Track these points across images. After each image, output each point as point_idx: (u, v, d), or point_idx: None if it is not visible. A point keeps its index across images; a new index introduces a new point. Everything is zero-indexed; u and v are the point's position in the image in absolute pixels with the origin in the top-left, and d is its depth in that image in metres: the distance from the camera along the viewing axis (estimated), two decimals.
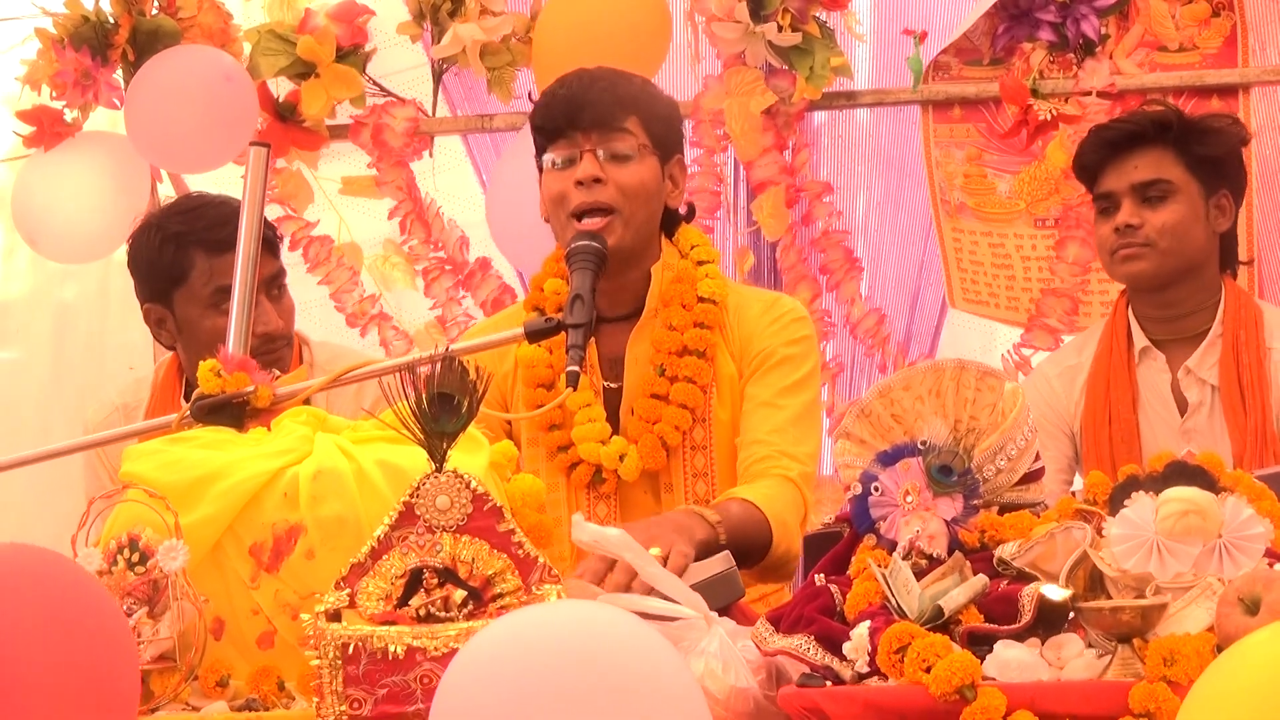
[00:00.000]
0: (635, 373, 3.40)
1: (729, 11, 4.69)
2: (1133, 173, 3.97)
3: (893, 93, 4.90)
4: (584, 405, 3.37)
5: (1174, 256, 3.94)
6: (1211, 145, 3.97)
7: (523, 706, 1.90)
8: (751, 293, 3.55)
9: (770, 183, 4.80)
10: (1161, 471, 2.49)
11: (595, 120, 3.33)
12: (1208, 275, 4.00)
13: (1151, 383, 4.01)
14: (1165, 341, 4.02)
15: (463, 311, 5.01)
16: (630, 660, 1.96)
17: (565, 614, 2.04)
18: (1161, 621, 2.29)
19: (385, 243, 5.09)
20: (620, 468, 3.34)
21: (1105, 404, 4.00)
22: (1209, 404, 3.96)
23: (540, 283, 3.48)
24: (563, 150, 3.33)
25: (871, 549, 2.53)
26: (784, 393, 3.35)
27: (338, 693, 2.27)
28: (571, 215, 3.31)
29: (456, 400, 2.33)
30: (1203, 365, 3.97)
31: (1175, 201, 3.94)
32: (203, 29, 4.94)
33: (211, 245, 3.83)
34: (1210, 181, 3.96)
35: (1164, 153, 3.96)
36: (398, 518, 2.36)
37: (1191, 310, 4.00)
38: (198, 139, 4.76)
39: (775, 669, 2.51)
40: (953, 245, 4.84)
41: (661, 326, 3.38)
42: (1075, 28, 4.65)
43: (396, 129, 4.98)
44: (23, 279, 5.93)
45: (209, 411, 2.83)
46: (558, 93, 3.39)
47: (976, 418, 2.61)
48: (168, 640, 2.49)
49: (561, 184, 3.32)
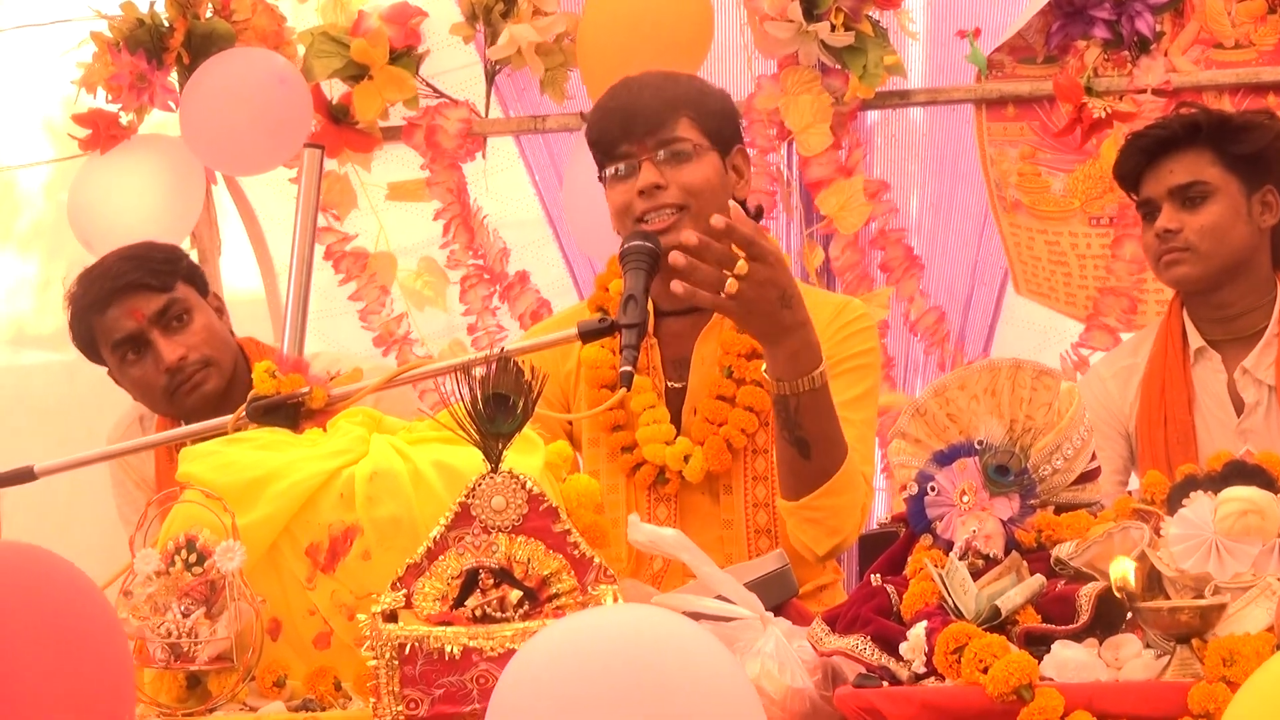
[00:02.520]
0: (701, 373, 3.39)
1: (782, 11, 4.68)
2: (1169, 177, 3.95)
3: (946, 91, 4.89)
4: (648, 407, 3.37)
5: (1217, 257, 3.92)
6: (1247, 142, 3.93)
7: (578, 710, 1.90)
8: (819, 295, 3.52)
9: (827, 180, 4.79)
10: (1220, 471, 2.47)
11: (648, 127, 3.32)
12: (1259, 273, 3.97)
13: (1207, 383, 3.98)
14: (1221, 341, 3.99)
15: (495, 323, 5.01)
16: (685, 664, 1.96)
17: (621, 618, 2.04)
18: (1220, 622, 2.28)
19: (421, 260, 5.10)
20: (685, 469, 3.34)
21: (1161, 405, 3.97)
22: (1266, 404, 3.94)
23: (605, 283, 3.48)
24: (621, 161, 3.33)
25: (928, 549, 2.52)
26: (848, 405, 3.29)
27: (394, 693, 2.28)
28: (637, 222, 3.31)
29: (512, 401, 2.34)
30: (1260, 365, 3.94)
31: (1214, 202, 3.92)
32: (257, 31, 4.95)
33: (96, 306, 3.93)
34: (1252, 178, 3.93)
35: (1200, 154, 3.94)
36: (453, 518, 2.36)
37: (1245, 310, 3.97)
38: (252, 141, 4.78)
39: (831, 669, 2.51)
40: (1012, 238, 4.82)
41: (730, 328, 3.37)
42: (1130, 25, 4.63)
43: (450, 130, 4.99)
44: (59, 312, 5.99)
45: (265, 412, 2.85)
46: (607, 105, 3.39)
47: (1032, 417, 2.60)
48: (225, 640, 2.50)
49: (625, 195, 3.32)
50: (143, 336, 3.93)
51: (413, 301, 5.13)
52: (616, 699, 1.90)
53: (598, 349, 3.39)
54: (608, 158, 3.34)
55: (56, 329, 5.96)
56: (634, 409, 3.37)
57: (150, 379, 3.93)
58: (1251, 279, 3.96)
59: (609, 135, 3.34)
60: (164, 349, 3.91)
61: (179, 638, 2.50)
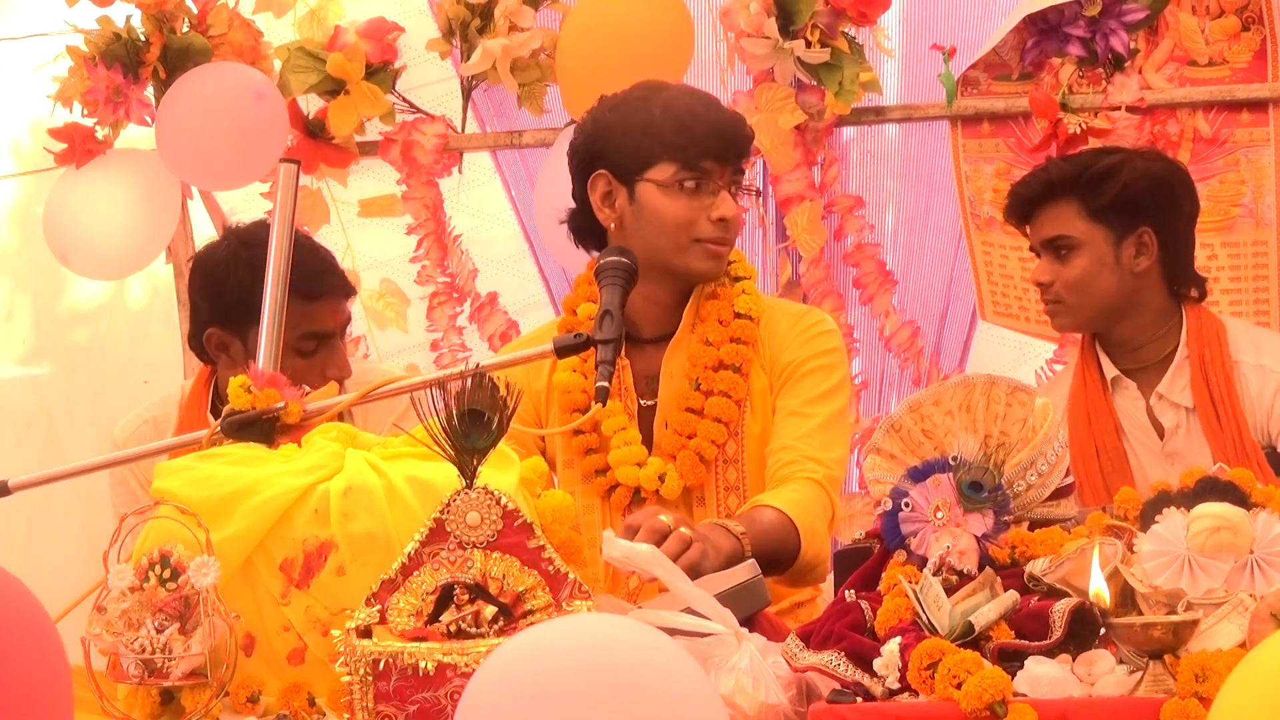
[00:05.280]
0: (670, 387, 3.40)
1: (758, 27, 4.69)
2: (1040, 230, 4.02)
3: (921, 108, 4.90)
4: (619, 429, 3.38)
5: (1086, 308, 3.97)
6: (1105, 192, 3.94)
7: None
8: (781, 305, 3.56)
9: (798, 198, 4.80)
10: (1193, 487, 2.48)
11: (738, 155, 3.38)
12: (1149, 310, 3.98)
13: (1128, 411, 4.01)
14: (1133, 370, 4.02)
15: (460, 341, 5.01)
16: (651, 675, 1.96)
17: (585, 628, 2.04)
18: (1193, 638, 2.29)
19: (383, 281, 5.09)
20: (662, 489, 3.35)
21: (1090, 435, 3.99)
22: (1185, 426, 3.96)
23: (573, 305, 3.49)
24: (695, 176, 3.35)
25: (902, 565, 2.53)
26: (812, 402, 3.37)
27: (369, 709, 2.28)
28: (697, 241, 3.35)
29: (487, 417, 2.34)
30: (1173, 389, 3.96)
31: (1080, 255, 3.95)
32: (233, 46, 4.95)
33: (305, 294, 3.78)
34: (1120, 225, 3.94)
35: (1066, 206, 3.97)
36: (428, 534, 2.36)
37: (1146, 341, 4.00)
38: (228, 156, 4.77)
39: (806, 685, 2.51)
40: (983, 258, 4.83)
41: (698, 342, 3.39)
42: (1104, 42, 4.64)
43: (426, 145, 4.98)
44: (23, 342, 6.00)
45: (239, 428, 2.84)
46: (703, 115, 3.38)
47: (1007, 433, 2.61)
48: (199, 656, 2.50)
49: (691, 211, 3.34)
50: (331, 339, 3.95)
51: (374, 321, 5.12)
52: (579, 711, 1.90)
53: (569, 373, 3.41)
54: (686, 167, 3.35)
55: (28, 343, 5.98)
56: (605, 432, 3.38)
57: (310, 380, 3.86)
58: (1141, 316, 3.99)
59: (700, 145, 3.35)
60: (342, 358, 3.96)
61: (153, 653, 2.49)
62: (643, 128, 3.37)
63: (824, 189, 4.86)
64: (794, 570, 3.22)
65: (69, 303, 6.02)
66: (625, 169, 3.38)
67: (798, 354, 3.40)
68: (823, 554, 3.26)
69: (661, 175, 3.35)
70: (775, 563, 3.11)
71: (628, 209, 3.38)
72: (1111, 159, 4.02)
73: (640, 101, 3.41)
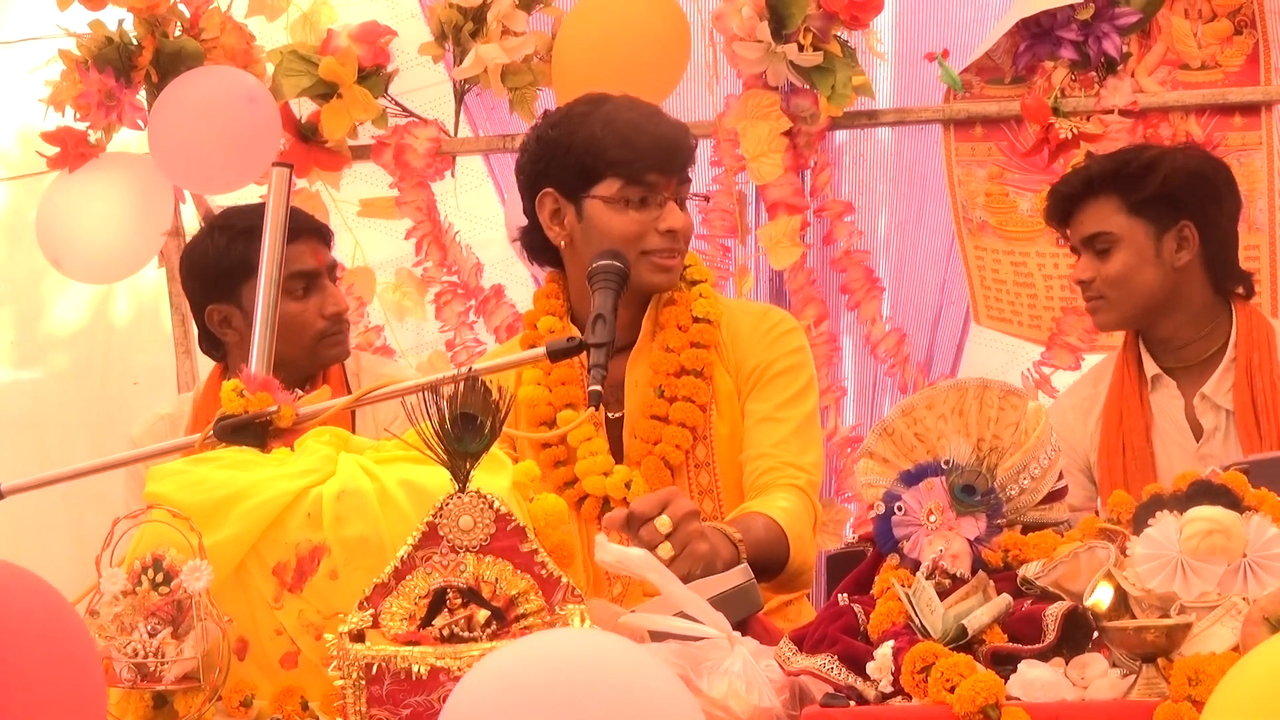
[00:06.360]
0: (636, 396, 3.41)
1: (750, 31, 4.69)
2: (1080, 228, 4.03)
3: (914, 111, 4.90)
4: (585, 440, 3.38)
5: (1128, 304, 3.97)
6: (1146, 185, 3.95)
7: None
8: (740, 306, 3.56)
9: (783, 204, 4.79)
10: (1185, 491, 2.48)
11: (682, 165, 3.37)
12: (1191, 306, 3.98)
13: (1165, 409, 4.00)
14: (1175, 369, 4.02)
15: (473, 337, 5.01)
16: (631, 689, 1.96)
17: (566, 642, 2.04)
18: (1186, 641, 2.29)
19: (398, 272, 5.10)
20: (629, 496, 3.34)
21: (1119, 432, 3.99)
22: (1224, 429, 3.95)
23: (533, 320, 3.48)
24: (640, 190, 3.34)
25: (895, 568, 2.53)
26: (783, 405, 3.37)
27: (361, 713, 2.28)
28: (645, 254, 3.34)
29: (480, 420, 2.34)
30: (1219, 391, 3.96)
31: (1120, 250, 3.96)
32: (225, 50, 4.95)
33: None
34: (1161, 219, 3.95)
35: (1106, 202, 3.98)
36: (421, 538, 2.36)
37: (1189, 340, 4.00)
38: (221, 160, 4.77)
39: (799, 689, 2.51)
40: (975, 263, 4.84)
41: (659, 350, 3.39)
42: (1097, 46, 4.65)
43: (419, 149, 4.98)
44: (14, 347, 6.00)
45: (232, 431, 2.84)
46: (645, 128, 3.37)
47: (1000, 437, 2.61)
48: (192, 660, 2.50)
49: (639, 225, 3.34)
50: (318, 278, 4.03)
51: (392, 313, 5.12)
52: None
53: (533, 386, 3.41)
54: (631, 182, 3.34)
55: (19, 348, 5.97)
56: (572, 443, 3.38)
57: (308, 319, 4.00)
58: (1184, 313, 3.98)
59: (645, 160, 3.34)
60: (336, 295, 4.06)
61: (145, 657, 2.49)
62: (585, 145, 3.36)
63: (815, 193, 4.86)
64: (782, 577, 3.22)
65: (59, 308, 6.01)
66: (571, 187, 3.37)
67: (763, 356, 3.40)
68: (810, 561, 3.27)
69: (607, 191, 3.34)
70: (764, 570, 3.11)
71: (576, 226, 3.37)
72: (1151, 153, 4.04)
73: (582, 118, 3.40)
